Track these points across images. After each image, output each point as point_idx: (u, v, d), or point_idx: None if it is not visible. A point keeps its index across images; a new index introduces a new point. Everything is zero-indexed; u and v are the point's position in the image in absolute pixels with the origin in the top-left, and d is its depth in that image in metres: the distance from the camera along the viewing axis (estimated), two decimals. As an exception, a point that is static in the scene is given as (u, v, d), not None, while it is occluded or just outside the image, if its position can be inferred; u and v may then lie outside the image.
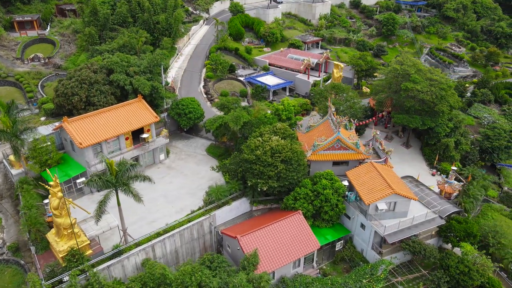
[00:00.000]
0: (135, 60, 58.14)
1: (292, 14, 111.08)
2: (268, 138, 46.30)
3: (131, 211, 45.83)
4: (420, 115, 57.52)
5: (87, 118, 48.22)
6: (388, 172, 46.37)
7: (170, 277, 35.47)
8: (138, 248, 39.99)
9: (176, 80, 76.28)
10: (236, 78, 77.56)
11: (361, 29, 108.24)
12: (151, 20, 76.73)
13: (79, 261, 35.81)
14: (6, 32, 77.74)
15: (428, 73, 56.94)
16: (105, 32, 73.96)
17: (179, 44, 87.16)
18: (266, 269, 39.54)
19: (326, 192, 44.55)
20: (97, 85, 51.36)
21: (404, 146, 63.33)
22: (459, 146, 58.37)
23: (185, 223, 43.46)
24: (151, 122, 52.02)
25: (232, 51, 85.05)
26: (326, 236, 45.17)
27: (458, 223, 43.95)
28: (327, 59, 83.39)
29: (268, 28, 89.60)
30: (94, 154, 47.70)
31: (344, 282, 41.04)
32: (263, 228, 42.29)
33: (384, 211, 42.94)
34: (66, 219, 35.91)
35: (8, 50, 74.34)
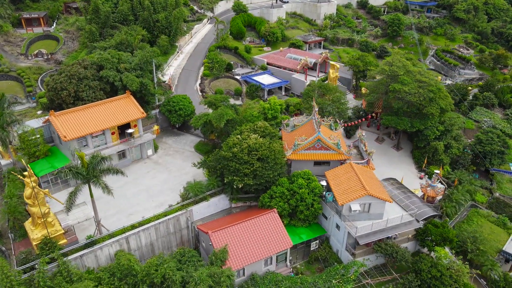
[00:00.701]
0: (127, 57, 59.50)
1: (297, 13, 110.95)
2: (246, 136, 46.75)
3: (112, 204, 47.09)
4: (410, 117, 56.78)
5: (73, 112, 49.79)
6: (366, 174, 46.05)
7: (136, 268, 36.31)
8: (111, 240, 41.09)
9: (174, 78, 77.52)
10: (232, 77, 78.18)
11: (366, 30, 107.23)
12: (150, 18, 78.22)
13: (51, 250, 37.11)
14: (13, 28, 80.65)
15: (417, 75, 56.10)
16: (106, 30, 75.84)
17: (180, 42, 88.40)
18: (236, 265, 40.03)
19: (301, 192, 44.65)
20: (86, 80, 52.87)
21: (395, 148, 62.59)
22: (448, 150, 57.26)
23: (161, 217, 44.36)
24: (138, 117, 53.23)
25: (231, 50, 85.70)
26: (301, 235, 45.27)
27: (435, 227, 43.29)
28: (326, 59, 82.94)
29: (268, 28, 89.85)
30: (79, 147, 49.17)
31: (314, 281, 41.08)
32: (235, 225, 42.73)
33: (358, 212, 42.74)
34: (38, 208, 37.27)
35: (13, 45, 77.16)
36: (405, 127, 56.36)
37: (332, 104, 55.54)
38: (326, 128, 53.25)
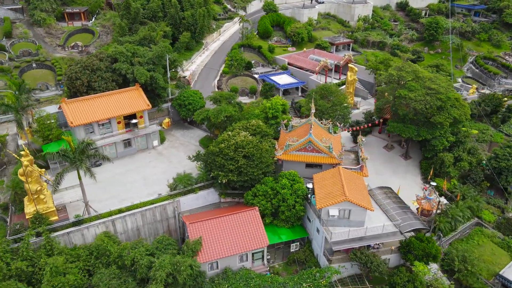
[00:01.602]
0: (144, 52, 62.57)
1: (331, 14, 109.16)
2: (236, 133, 47.56)
3: (109, 189, 50.34)
4: (417, 125, 54.23)
5: (83, 100, 53.57)
6: (353, 180, 44.93)
7: (110, 249, 38.75)
8: (98, 221, 43.90)
9: (194, 74, 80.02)
10: (251, 75, 79.10)
11: (402, 33, 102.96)
12: (177, 15, 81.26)
13: (40, 224, 40.56)
14: (56, 22, 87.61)
15: (427, 81, 53.38)
16: (135, 25, 80.00)
17: (207, 39, 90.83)
18: (208, 258, 41.16)
19: (283, 192, 44.65)
20: (99, 71, 56.55)
21: (403, 157, 60.01)
22: (458, 163, 53.92)
23: (148, 204, 46.53)
24: (143, 109, 55.95)
25: (255, 49, 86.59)
26: (281, 236, 45.29)
27: (419, 241, 41.28)
28: (349, 62, 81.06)
29: (294, 28, 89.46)
30: (85, 133, 52.82)
31: (284, 282, 41.04)
32: (214, 219, 43.84)
33: (336, 217, 41.98)
34: (32, 186, 40.91)
35: (54, 37, 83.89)
36: (411, 135, 53.93)
37: (333, 107, 54.45)
38: (324, 131, 52.51)
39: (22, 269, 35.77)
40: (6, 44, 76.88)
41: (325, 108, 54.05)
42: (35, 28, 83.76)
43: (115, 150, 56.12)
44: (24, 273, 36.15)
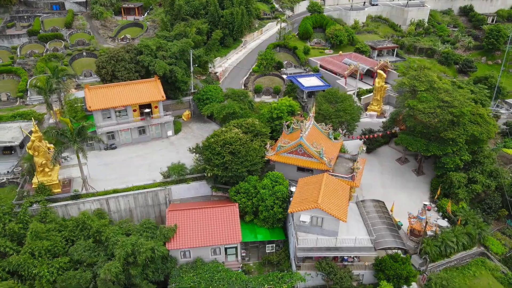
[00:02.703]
0: (170, 46, 66.13)
1: (383, 18, 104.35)
2: (229, 129, 48.63)
3: (116, 170, 54.50)
4: (429, 140, 50.39)
5: (104, 88, 58.53)
6: (336, 188, 43.45)
7: (90, 224, 42.39)
8: (93, 198, 48.04)
9: (226, 70, 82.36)
10: (279, 75, 79.26)
11: (458, 40, 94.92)
12: (216, 13, 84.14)
13: (41, 193, 45.67)
14: (112, 15, 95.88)
15: (442, 93, 49.22)
16: (177, 21, 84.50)
17: (247, 38, 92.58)
18: (181, 245, 42.98)
19: (262, 192, 44.75)
20: (124, 62, 61.21)
21: (415, 172, 56.03)
22: (470, 185, 49.04)
23: (141, 188, 49.67)
24: (158, 100, 59.36)
25: (291, 50, 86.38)
26: (258, 235, 45.52)
27: (393, 261, 38.82)
28: (385, 68, 77.30)
29: (333, 30, 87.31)
30: (103, 117, 57.63)
31: (247, 280, 41.32)
32: (193, 210, 45.53)
33: (307, 223, 41.12)
34: (38, 159, 46.14)
35: (107, 30, 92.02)
36: (419, 149, 50.26)
37: (336, 113, 52.62)
38: (323, 136, 51.22)
39: (14, 230, 40.72)
40: (65, 34, 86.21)
41: (327, 112, 52.57)
42: (93, 21, 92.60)
43: (130, 136, 60.38)
44: (16, 234, 41.14)
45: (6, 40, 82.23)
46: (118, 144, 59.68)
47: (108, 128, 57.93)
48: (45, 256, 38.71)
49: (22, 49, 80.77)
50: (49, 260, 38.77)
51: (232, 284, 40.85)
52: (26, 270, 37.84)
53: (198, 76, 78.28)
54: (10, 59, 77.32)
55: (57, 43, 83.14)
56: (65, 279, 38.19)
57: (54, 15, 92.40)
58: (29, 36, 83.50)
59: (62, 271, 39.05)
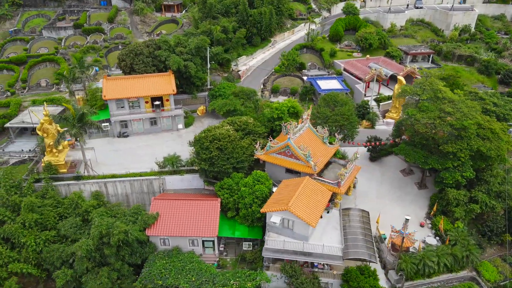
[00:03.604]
0: (189, 42, 68.59)
1: (425, 21, 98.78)
2: (221, 125, 49.70)
3: (122, 156, 57.97)
4: (430, 152, 47.47)
5: (120, 79, 62.41)
6: (314, 193, 42.71)
7: (82, 204, 45.88)
8: (93, 180, 51.71)
9: (250, 69, 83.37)
10: (300, 76, 78.67)
11: (507, 48, 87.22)
12: (245, 12, 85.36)
13: (47, 172, 50.14)
14: (153, 12, 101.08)
15: (446, 103, 46.01)
16: (208, 19, 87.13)
17: (276, 37, 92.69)
18: (160, 232, 44.98)
19: (242, 190, 45.22)
20: (142, 56, 64.68)
21: (417, 185, 52.97)
22: (468, 205, 45.39)
23: (137, 175, 52.48)
24: (168, 93, 62.01)
25: (317, 51, 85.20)
26: (236, 232, 46.13)
27: (359, 273, 37.47)
28: (412, 74, 73.52)
29: (363, 33, 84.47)
30: (117, 107, 61.47)
31: (215, 274, 42.15)
32: (177, 200, 47.37)
33: (278, 225, 40.95)
34: (47, 140, 50.66)
35: (145, 25, 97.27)
36: (417, 161, 47.53)
37: (333, 117, 51.16)
38: (318, 140, 50.36)
39: (16, 202, 45.26)
40: (106, 28, 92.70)
41: (323, 116, 51.46)
42: (134, 16, 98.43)
43: (142, 126, 63.75)
44: (17, 206, 45.64)
45: (54, 32, 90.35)
46: (130, 133, 63.29)
47: (121, 117, 61.72)
48: (34, 227, 42.63)
49: (66, 41, 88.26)
50: (38, 232, 42.67)
51: (201, 275, 41.97)
52: (17, 238, 42.04)
53: (221, 74, 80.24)
54: (54, 49, 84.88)
55: (98, 36, 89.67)
56: (49, 251, 41.82)
57: (101, 10, 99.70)
58: (74, 29, 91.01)
59: (49, 243, 42.75)
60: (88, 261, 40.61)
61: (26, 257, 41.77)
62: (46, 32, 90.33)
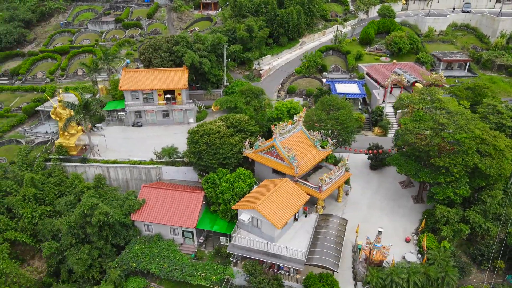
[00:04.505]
0: (208, 39, 70.61)
1: (471, 27, 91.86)
2: (214, 121, 50.92)
3: (131, 144, 61.33)
4: (425, 164, 44.82)
5: (137, 71, 66.06)
6: (290, 195, 42.31)
7: (78, 184, 49.69)
8: (97, 164, 55.59)
9: (272, 69, 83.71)
10: (319, 78, 77.44)
11: (559, 59, 78.66)
12: (273, 12, 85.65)
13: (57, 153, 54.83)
14: (190, 9, 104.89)
15: (443, 115, 42.99)
16: (237, 18, 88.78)
17: (305, 38, 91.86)
18: (144, 218, 47.37)
19: (223, 186, 46.05)
20: (160, 51, 67.81)
21: (414, 198, 50.11)
22: (458, 224, 42.08)
23: (136, 163, 55.43)
24: (180, 87, 64.42)
25: (343, 54, 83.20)
26: (215, 226, 47.10)
27: (318, 280, 36.72)
28: (438, 81, 69.23)
29: (392, 37, 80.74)
30: (132, 98, 65.12)
31: (186, 263, 43.46)
32: (164, 190, 49.44)
33: (247, 223, 41.26)
34: (60, 123, 55.32)
35: (181, 22, 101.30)
36: (408, 173, 45.06)
37: (327, 121, 49.79)
38: (309, 143, 49.63)
39: (33, 178, 50.10)
40: (144, 23, 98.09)
41: (318, 119, 50.42)
42: (172, 13, 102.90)
43: (155, 118, 66.97)
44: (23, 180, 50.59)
45: (98, 25, 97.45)
46: (144, 123, 66.77)
47: (135, 108, 65.35)
48: (33, 201, 46.99)
49: (107, 34, 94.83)
50: (35, 206, 46.94)
51: (173, 263, 43.59)
52: (17, 209, 46.69)
53: (242, 72, 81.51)
54: (95, 41, 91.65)
55: (135, 31, 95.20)
56: (43, 224, 45.97)
57: (143, 6, 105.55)
58: (115, 23, 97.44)
59: (44, 217, 46.94)
60: (72, 237, 43.98)
61: (23, 227, 46.29)
62: (91, 26, 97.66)
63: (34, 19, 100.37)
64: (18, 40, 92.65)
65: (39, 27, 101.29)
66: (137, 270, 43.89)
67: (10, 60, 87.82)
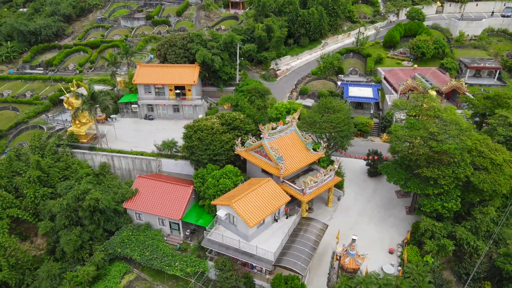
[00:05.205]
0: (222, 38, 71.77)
1: (508, 32, 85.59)
2: (210, 118, 51.93)
3: (142, 136, 63.53)
4: (415, 174, 42.94)
5: (151, 66, 68.66)
6: (270, 196, 42.35)
7: (79, 169, 52.76)
8: (103, 153, 58.61)
9: (290, 69, 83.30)
10: (334, 81, 76.04)
11: None
12: (294, 12, 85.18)
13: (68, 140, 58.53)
14: (219, 8, 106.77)
15: (434, 123, 40.79)
16: (260, 17, 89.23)
17: (328, 39, 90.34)
18: (134, 207, 49.39)
19: (208, 181, 46.87)
20: (175, 47, 69.95)
21: (407, 209, 48.01)
22: (440, 240, 39.77)
23: (138, 154, 57.75)
24: (189, 84, 66.12)
25: (364, 57, 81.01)
26: (200, 220, 48.04)
27: (283, 282, 36.51)
28: (458, 89, 65.72)
29: (416, 41, 77.26)
30: (145, 91, 67.77)
31: (166, 253, 44.79)
32: (156, 181, 51.13)
33: (224, 219, 41.82)
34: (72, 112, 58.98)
35: (208, 20, 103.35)
36: (396, 182, 43.29)
37: (322, 124, 48.77)
38: (301, 145, 49.17)
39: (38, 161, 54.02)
40: (173, 20, 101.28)
41: (311, 121, 49.64)
42: (200, 11, 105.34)
43: (166, 112, 69.27)
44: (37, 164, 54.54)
45: (129, 22, 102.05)
46: (155, 117, 69.29)
47: (147, 101, 67.96)
48: (37, 183, 50.55)
49: (137, 30, 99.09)
50: (38, 187, 50.47)
51: (154, 252, 45.15)
52: (22, 189, 50.46)
53: (259, 71, 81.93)
54: (125, 36, 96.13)
55: (163, 28, 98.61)
56: (44, 205, 49.36)
57: (175, 4, 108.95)
58: (146, 20, 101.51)
59: (46, 198, 50.35)
60: (66, 218, 46.86)
61: (26, 206, 49.98)
62: (123, 22, 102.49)
63: (74, 14, 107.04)
64: (56, 34, 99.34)
65: (78, 22, 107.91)
66: (122, 255, 45.90)
67: (48, 52, 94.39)
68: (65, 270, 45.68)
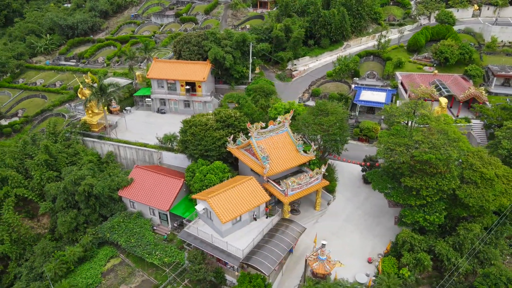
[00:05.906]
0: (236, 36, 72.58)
1: (549, 40, 79.23)
2: (206, 114, 53.01)
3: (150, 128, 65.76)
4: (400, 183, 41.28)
5: (165, 62, 70.96)
6: (248, 194, 42.61)
7: (83, 156, 55.94)
8: (110, 142, 61.63)
9: (307, 70, 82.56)
10: (348, 83, 74.33)
11: None
12: (316, 12, 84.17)
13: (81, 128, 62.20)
14: (247, 7, 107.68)
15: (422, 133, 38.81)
16: (282, 17, 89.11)
17: (351, 41, 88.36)
18: (127, 195, 51.62)
19: (196, 176, 47.88)
20: (189, 44, 71.79)
21: (396, 219, 46.09)
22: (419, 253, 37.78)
23: (142, 146, 60.09)
24: (199, 80, 67.64)
25: (384, 60, 78.43)
26: (186, 213, 49.18)
27: (247, 279, 36.71)
28: (477, 98, 62.02)
29: (439, 45, 73.38)
30: (158, 85, 70.21)
31: (149, 242, 46.43)
32: (152, 173, 52.98)
33: (200, 213, 42.69)
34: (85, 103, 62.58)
35: (235, 19, 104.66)
36: (381, 190, 41.80)
37: (314, 126, 47.87)
38: (292, 146, 48.81)
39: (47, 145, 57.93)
40: (200, 18, 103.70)
41: (304, 122, 48.98)
42: (228, 10, 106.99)
43: (178, 106, 71.36)
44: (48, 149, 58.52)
45: (159, 19, 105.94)
46: (167, 111, 71.60)
47: (159, 96, 70.39)
48: (44, 166, 54.22)
49: (165, 27, 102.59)
50: (45, 170, 54.13)
51: (139, 240, 46.98)
52: (30, 171, 54.41)
53: (275, 71, 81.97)
54: (153, 32, 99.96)
55: (189, 25, 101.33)
56: (48, 187, 52.91)
57: (204, 3, 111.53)
58: (175, 17, 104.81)
59: (51, 181, 53.91)
60: (64, 201, 49.98)
61: (33, 187, 53.83)
62: (154, 18, 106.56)
63: (111, 10, 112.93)
64: (92, 28, 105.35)
65: (114, 18, 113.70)
66: (110, 240, 48.18)
67: (82, 45, 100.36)
68: (59, 249, 48.72)
